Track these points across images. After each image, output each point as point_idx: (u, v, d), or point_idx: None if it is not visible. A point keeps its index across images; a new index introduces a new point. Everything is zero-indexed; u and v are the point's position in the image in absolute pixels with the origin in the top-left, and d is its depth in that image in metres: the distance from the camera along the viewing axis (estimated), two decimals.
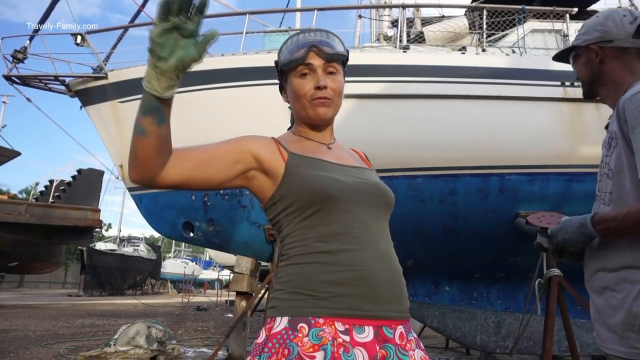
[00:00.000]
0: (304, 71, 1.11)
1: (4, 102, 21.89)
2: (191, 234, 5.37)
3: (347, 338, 0.94)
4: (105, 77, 5.31)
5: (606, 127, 1.35)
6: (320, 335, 0.92)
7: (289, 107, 1.21)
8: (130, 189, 5.60)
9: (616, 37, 1.34)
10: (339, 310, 0.96)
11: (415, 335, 1.06)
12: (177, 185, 0.98)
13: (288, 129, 1.24)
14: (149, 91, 0.85)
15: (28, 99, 5.67)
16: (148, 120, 0.87)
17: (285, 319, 0.96)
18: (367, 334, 0.97)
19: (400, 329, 1.02)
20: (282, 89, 1.20)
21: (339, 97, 1.14)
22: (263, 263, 6.40)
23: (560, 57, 1.55)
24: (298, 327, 0.93)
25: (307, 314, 0.95)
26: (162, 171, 0.94)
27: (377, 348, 0.96)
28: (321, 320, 0.95)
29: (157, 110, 0.87)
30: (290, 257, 1.03)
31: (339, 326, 0.95)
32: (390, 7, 6.58)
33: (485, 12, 5.21)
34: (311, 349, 0.90)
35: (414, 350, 1.02)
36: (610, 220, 1.20)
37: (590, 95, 1.46)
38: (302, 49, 1.11)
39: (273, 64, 1.20)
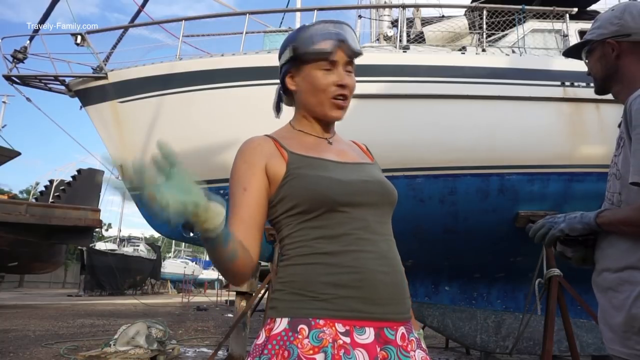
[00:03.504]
0: (327, 66, 1.07)
1: (4, 102, 21.85)
2: (191, 234, 5.36)
3: (347, 339, 0.93)
4: (105, 77, 5.31)
5: (619, 125, 1.28)
6: (320, 337, 0.91)
7: (278, 89, 1.18)
8: (130, 189, 5.59)
9: (634, 30, 1.28)
10: (340, 311, 0.95)
11: (416, 335, 1.05)
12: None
13: (290, 122, 1.19)
14: (212, 234, 0.86)
15: (28, 99, 5.67)
16: (226, 247, 0.91)
17: (285, 320, 0.94)
18: (368, 335, 0.95)
19: (401, 330, 1.00)
20: (289, 74, 1.13)
21: (351, 96, 1.12)
22: (263, 263, 6.40)
23: (571, 52, 1.48)
24: (298, 329, 0.92)
25: (308, 315, 0.94)
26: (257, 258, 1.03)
27: (378, 350, 0.95)
28: (321, 322, 0.93)
29: (221, 238, 0.89)
30: (290, 257, 1.02)
31: (340, 327, 0.93)
32: (390, 7, 6.57)
33: (485, 12, 5.21)
34: (311, 351, 0.89)
35: (415, 351, 1.01)
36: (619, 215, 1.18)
37: (602, 92, 1.40)
38: (330, 41, 1.06)
39: (273, 64, 1.16)
